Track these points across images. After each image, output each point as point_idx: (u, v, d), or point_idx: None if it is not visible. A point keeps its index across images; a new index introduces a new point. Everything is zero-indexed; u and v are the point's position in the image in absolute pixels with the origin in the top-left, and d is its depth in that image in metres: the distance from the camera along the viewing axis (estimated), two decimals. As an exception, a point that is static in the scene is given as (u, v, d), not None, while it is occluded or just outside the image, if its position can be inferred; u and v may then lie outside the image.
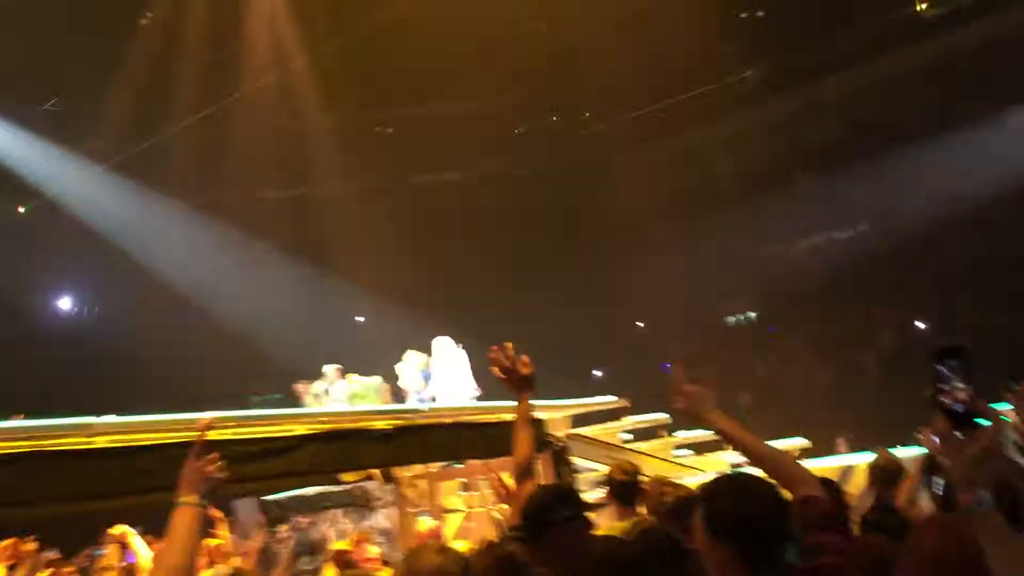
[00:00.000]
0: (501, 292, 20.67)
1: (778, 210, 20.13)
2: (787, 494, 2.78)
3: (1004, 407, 3.15)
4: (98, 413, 4.83)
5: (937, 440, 2.06)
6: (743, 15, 18.83)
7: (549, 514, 3.34)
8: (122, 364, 17.05)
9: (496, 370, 3.87)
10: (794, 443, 10.33)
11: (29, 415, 4.89)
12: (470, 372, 10.76)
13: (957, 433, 1.95)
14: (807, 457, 10.81)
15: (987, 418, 1.98)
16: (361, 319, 22.40)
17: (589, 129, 20.77)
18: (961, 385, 2.02)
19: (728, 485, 2.79)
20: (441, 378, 10.90)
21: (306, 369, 16.85)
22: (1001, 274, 17.87)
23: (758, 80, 18.93)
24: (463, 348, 11.43)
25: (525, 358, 3.85)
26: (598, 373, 21.57)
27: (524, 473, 3.85)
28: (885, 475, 5.45)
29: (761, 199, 19.89)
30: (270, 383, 17.93)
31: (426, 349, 12.19)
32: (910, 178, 18.32)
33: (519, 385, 3.87)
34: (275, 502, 13.00)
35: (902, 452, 6.08)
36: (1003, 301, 17.64)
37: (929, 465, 5.31)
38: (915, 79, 18.15)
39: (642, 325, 23.70)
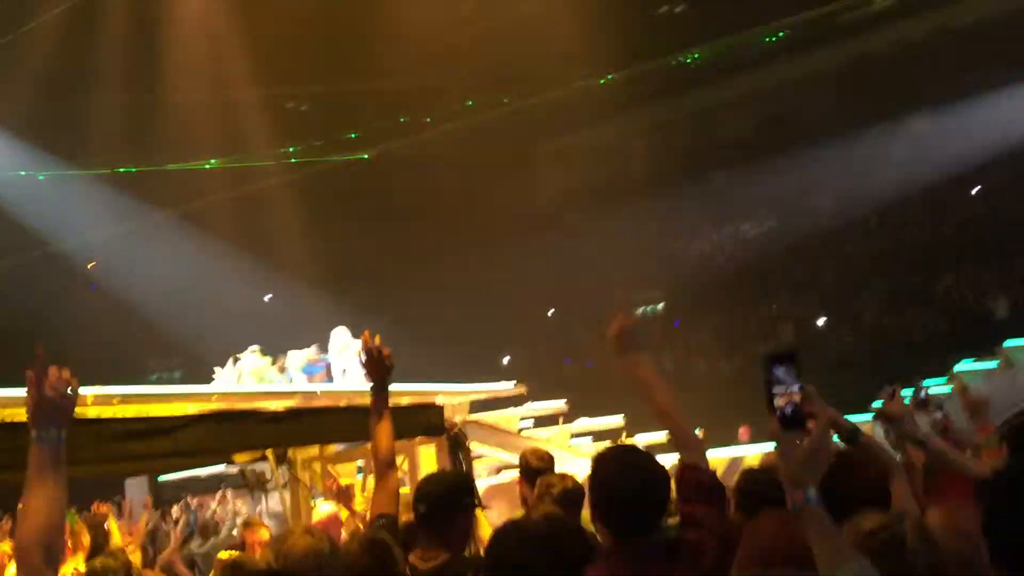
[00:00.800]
0: (411, 275, 20.57)
1: (689, 203, 20.42)
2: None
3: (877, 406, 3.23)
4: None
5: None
6: (662, 9, 19.01)
7: (460, 500, 3.46)
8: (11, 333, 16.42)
9: (363, 359, 3.86)
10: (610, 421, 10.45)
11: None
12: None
13: (788, 434, 2.03)
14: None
15: (816, 419, 2.06)
16: (268, 297, 22.05)
17: (504, 112, 20.73)
18: (792, 388, 2.09)
19: (601, 459, 2.87)
20: (337, 370, 10.73)
21: (210, 346, 16.50)
22: (901, 274, 18.40)
23: (674, 73, 19.11)
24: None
25: (388, 351, 3.84)
26: (506, 359, 21.62)
27: (388, 465, 3.86)
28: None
29: (672, 192, 20.14)
30: (172, 360, 17.54)
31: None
32: (817, 176, 18.75)
33: (378, 376, 3.86)
34: (168, 483, 12.76)
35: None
36: (902, 300, 18.16)
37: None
38: (826, 80, 18.58)
39: (551, 313, 23.81)
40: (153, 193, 18.44)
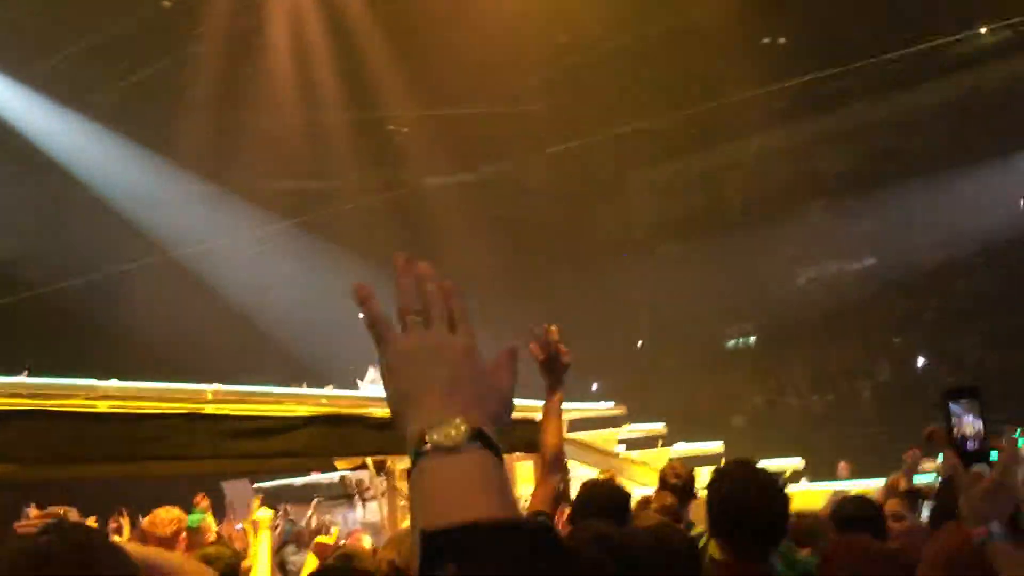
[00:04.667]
0: (502, 299, 20.67)
1: (786, 237, 20.15)
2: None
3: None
4: (97, 376, 4.82)
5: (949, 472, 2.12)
6: (765, 40, 18.86)
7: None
8: (121, 331, 16.97)
9: (535, 349, 3.70)
10: (789, 463, 10.36)
11: (32, 373, 4.87)
12: None
13: (969, 468, 2.02)
14: (803, 478, 10.84)
15: (999, 454, 2.05)
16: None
17: (602, 141, 20.79)
18: (972, 422, 2.10)
19: (722, 476, 2.92)
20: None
21: (306, 360, 16.86)
22: (1005, 314, 17.88)
23: (774, 105, 18.96)
24: None
25: (563, 346, 3.74)
26: (596, 386, 21.55)
27: (554, 464, 3.74)
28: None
29: (770, 224, 19.90)
30: (268, 372, 17.90)
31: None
32: (920, 213, 18.35)
33: (553, 374, 3.74)
34: (262, 490, 13.00)
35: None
36: (1005, 341, 17.64)
37: (912, 491, 5.50)
38: (933, 114, 18.19)
39: (641, 343, 23.70)
40: (270, 212, 19.08)
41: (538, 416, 7.24)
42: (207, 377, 5.30)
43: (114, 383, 4.64)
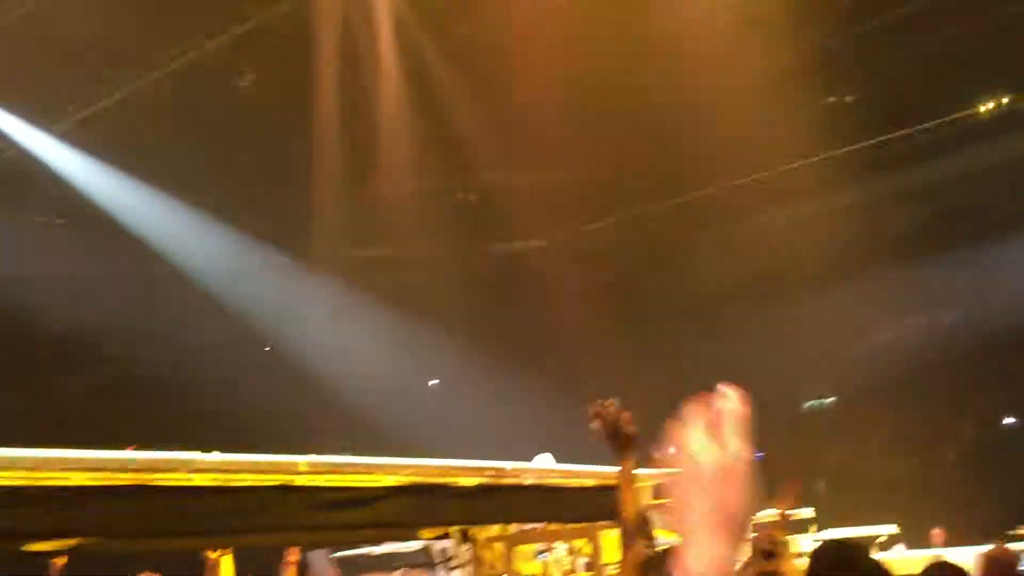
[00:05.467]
0: (566, 363, 20.63)
1: (861, 296, 19.83)
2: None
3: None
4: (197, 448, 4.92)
5: None
6: (831, 99, 18.81)
7: None
8: (208, 404, 17.28)
9: (596, 425, 3.74)
10: (884, 530, 10.12)
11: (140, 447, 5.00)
12: None
13: None
14: (898, 544, 10.54)
15: None
16: (435, 382, 22.49)
17: (671, 203, 20.82)
18: None
19: (819, 554, 2.91)
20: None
21: (369, 430, 16.95)
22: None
23: (844, 163, 18.83)
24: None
25: (628, 415, 3.76)
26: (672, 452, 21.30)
27: (630, 535, 3.75)
28: None
29: (850, 282, 19.61)
30: (348, 440, 18.06)
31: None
32: (1002, 270, 17.98)
33: (621, 444, 3.77)
34: (343, 559, 13.01)
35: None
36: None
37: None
38: (1009, 168, 17.88)
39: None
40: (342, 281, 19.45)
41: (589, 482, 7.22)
42: (294, 449, 5.38)
43: (216, 456, 4.73)
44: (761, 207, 20.02)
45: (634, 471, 3.77)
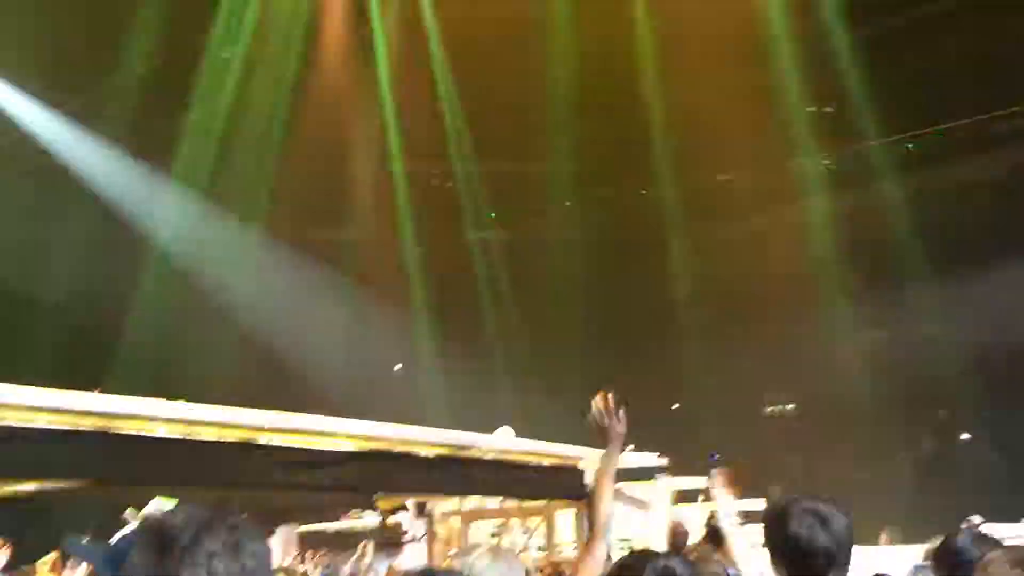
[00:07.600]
0: (536, 361, 20.67)
1: (828, 307, 19.97)
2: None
3: None
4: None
5: None
6: (818, 109, 18.98)
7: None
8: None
9: (596, 416, 3.75)
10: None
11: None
12: None
13: None
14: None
15: None
16: (399, 367, 22.44)
17: (643, 204, 20.94)
18: None
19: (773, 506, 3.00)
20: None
21: (337, 408, 16.84)
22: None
23: (822, 172, 19.01)
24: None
25: (623, 412, 3.78)
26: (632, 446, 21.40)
27: (603, 531, 3.74)
28: None
29: (812, 294, 19.75)
30: (311, 408, 18.00)
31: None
32: (968, 289, 18.09)
33: (611, 439, 3.79)
34: (300, 534, 13.00)
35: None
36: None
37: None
38: (980, 191, 18.06)
39: (677, 406, 23.51)
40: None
41: (581, 464, 7.28)
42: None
43: (180, 405, 4.73)
44: (737, 212, 20.16)
45: (614, 467, 3.82)
